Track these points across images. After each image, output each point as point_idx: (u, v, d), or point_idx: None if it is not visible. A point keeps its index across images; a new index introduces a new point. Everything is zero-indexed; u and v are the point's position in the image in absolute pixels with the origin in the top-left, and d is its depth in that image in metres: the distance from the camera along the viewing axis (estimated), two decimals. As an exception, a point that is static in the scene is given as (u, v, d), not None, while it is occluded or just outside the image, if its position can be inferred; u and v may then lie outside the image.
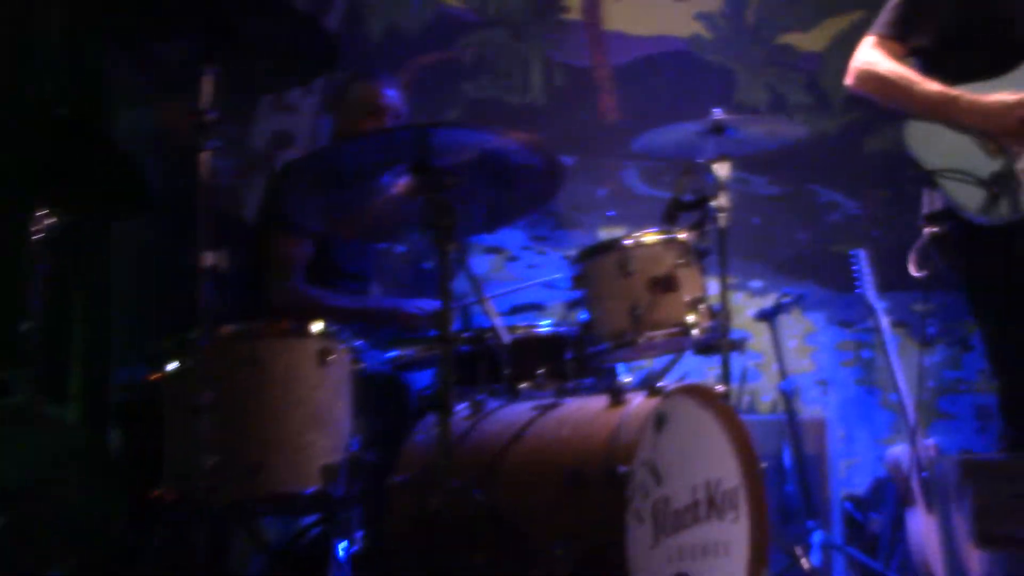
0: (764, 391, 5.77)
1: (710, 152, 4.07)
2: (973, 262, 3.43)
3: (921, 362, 5.76)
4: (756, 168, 5.97)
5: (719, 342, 3.82)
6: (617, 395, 3.13)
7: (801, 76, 6.13)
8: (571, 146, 5.66)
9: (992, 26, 3.50)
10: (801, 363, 5.91)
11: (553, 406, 3.24)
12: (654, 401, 3.08)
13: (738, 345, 3.94)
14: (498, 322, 3.47)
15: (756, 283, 5.94)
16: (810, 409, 5.75)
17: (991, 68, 3.44)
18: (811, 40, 6.12)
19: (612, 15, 5.95)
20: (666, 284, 3.62)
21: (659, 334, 3.56)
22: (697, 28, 6.07)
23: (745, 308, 5.75)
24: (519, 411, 3.30)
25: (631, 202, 5.73)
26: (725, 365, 3.87)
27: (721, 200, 4.01)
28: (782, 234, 6.04)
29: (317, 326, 3.17)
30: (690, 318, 3.61)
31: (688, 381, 3.33)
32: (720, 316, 3.80)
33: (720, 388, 3.68)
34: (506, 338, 3.46)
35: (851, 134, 6.08)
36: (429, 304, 4.17)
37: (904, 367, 4.99)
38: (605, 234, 5.51)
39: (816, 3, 6.20)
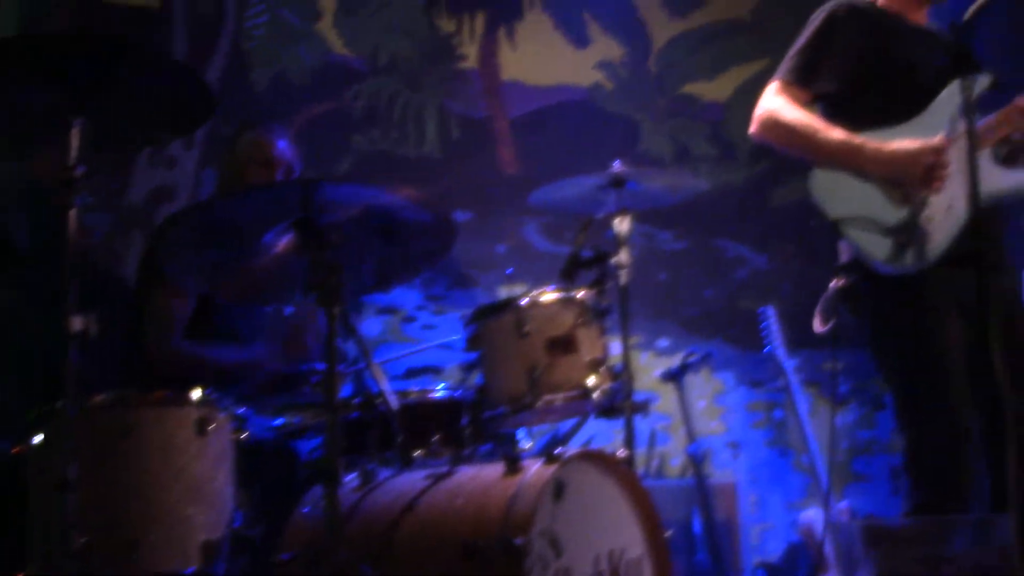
0: (673, 454, 5.82)
1: (610, 206, 4.12)
2: (879, 313, 3.45)
3: (833, 422, 5.86)
4: (661, 222, 6.10)
5: (622, 404, 3.83)
6: (513, 463, 3.11)
7: (706, 126, 6.28)
8: (468, 200, 5.72)
9: (896, 72, 3.54)
10: (711, 425, 5.99)
11: (447, 475, 3.23)
12: (552, 468, 3.07)
13: (642, 407, 3.94)
14: (387, 387, 3.44)
15: (663, 342, 6.02)
16: (720, 473, 5.80)
17: (896, 114, 3.48)
18: (715, 89, 6.30)
19: (510, 64, 6.01)
20: (565, 345, 3.63)
21: (558, 397, 3.56)
22: (598, 77, 6.19)
23: (652, 368, 5.83)
24: (411, 480, 3.28)
25: (532, 259, 5.78)
26: (629, 428, 3.87)
27: (622, 256, 4.04)
28: (689, 291, 6.13)
29: (196, 393, 3.10)
30: (590, 380, 3.62)
31: (588, 447, 3.31)
32: (623, 377, 3.82)
33: (622, 453, 3.69)
34: (395, 403, 3.42)
35: (758, 186, 6.30)
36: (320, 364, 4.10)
37: (816, 428, 5.11)
38: (505, 292, 5.55)
39: (720, 52, 6.39)
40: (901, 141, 3.37)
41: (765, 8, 6.43)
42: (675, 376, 5.31)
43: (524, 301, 3.67)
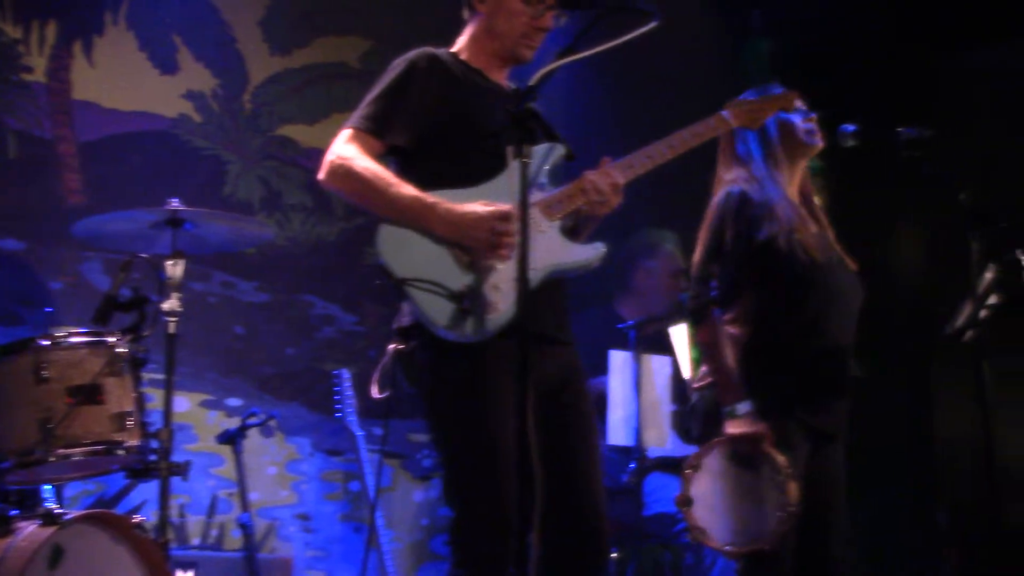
0: (236, 524, 5.51)
1: (164, 247, 4.04)
2: (435, 383, 3.44)
3: (412, 498, 5.97)
4: (243, 271, 6.04)
5: (157, 464, 3.72)
6: (2, 523, 2.96)
7: (302, 173, 6.26)
8: (21, 229, 5.48)
9: (473, 131, 3.55)
10: (280, 494, 5.92)
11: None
12: (49, 531, 2.94)
13: (181, 469, 3.83)
14: None
15: (234, 401, 5.93)
16: (284, 546, 5.75)
17: (471, 175, 3.49)
18: (316, 135, 6.24)
19: (84, 83, 5.82)
20: (89, 394, 3.51)
21: (76, 452, 3.44)
22: (186, 108, 6.10)
23: (220, 429, 5.58)
24: None
25: (90, 299, 5.39)
26: (164, 493, 3.76)
27: (172, 302, 3.94)
28: (269, 347, 6.08)
29: None
30: (117, 435, 3.50)
31: (96, 509, 3.18)
32: (160, 435, 3.71)
33: (137, 518, 3.56)
34: None
35: (353, 241, 6.26)
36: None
37: (398, 502, 5.22)
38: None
39: (324, 95, 6.41)
40: (472, 204, 3.39)
41: (375, 55, 6.45)
42: (232, 438, 5.17)
43: (44, 342, 3.54)
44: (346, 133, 3.54)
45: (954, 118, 5.79)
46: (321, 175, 3.50)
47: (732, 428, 3.85)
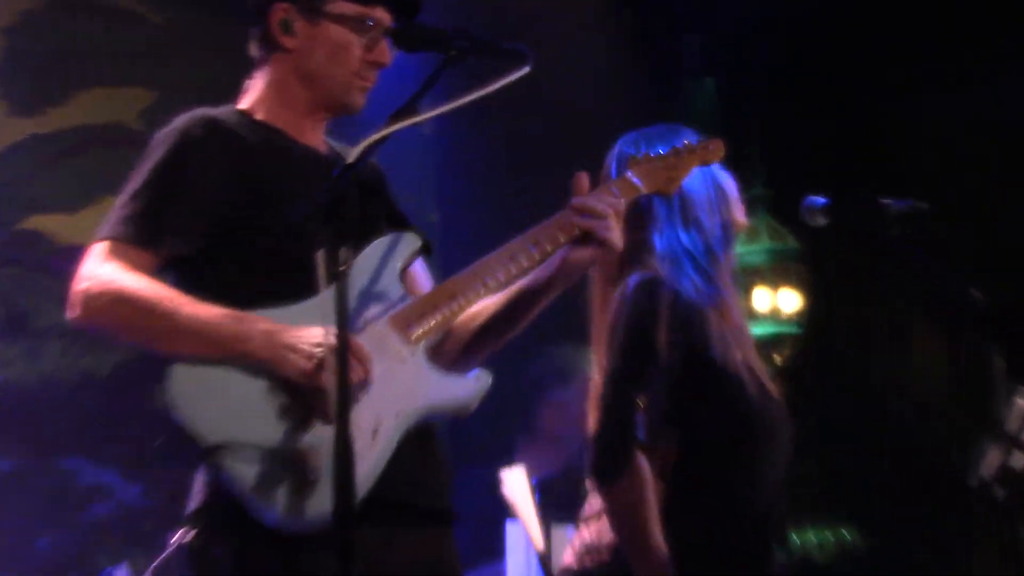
0: None
1: None
2: None
3: None
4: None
5: None
6: None
7: (60, 283, 5.48)
8: None
9: (278, 223, 3.16)
10: None
11: None
12: None
13: None
14: None
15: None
16: None
17: (278, 289, 3.12)
18: (79, 227, 5.62)
19: None
20: None
21: None
22: None
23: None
24: None
25: None
26: None
27: None
28: (12, 536, 5.43)
29: None
30: None
31: None
32: None
33: None
34: None
35: (135, 378, 5.66)
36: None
37: None
38: None
39: (90, 171, 5.83)
40: (302, 327, 3.03)
41: (163, 111, 5.82)
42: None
43: None
44: (100, 249, 3.14)
45: (937, 170, 5.98)
46: (73, 312, 3.11)
47: None
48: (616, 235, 3.23)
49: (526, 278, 3.26)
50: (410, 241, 3.26)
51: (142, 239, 3.13)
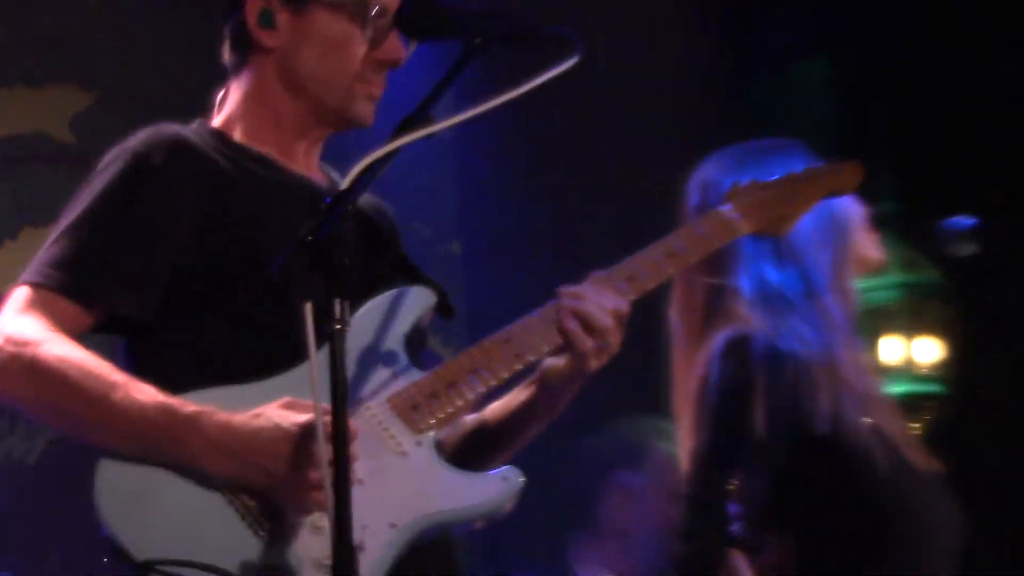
0: None
1: None
2: None
3: None
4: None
5: None
6: None
7: None
8: None
9: (259, 274, 2.78)
10: None
11: None
12: None
13: None
14: None
15: None
16: None
17: (258, 358, 2.87)
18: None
19: None
20: None
21: None
22: None
23: None
24: None
25: None
26: None
27: None
28: None
29: None
30: None
31: None
32: None
33: None
34: None
35: (69, 465, 4.65)
36: None
37: None
38: None
39: (8, 196, 5.56)
40: (268, 408, 2.73)
41: (102, 118, 5.60)
42: None
43: None
44: (19, 296, 2.90)
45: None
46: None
47: None
48: (605, 355, 2.89)
49: (511, 397, 3.00)
50: (422, 297, 2.98)
51: (75, 290, 2.88)
